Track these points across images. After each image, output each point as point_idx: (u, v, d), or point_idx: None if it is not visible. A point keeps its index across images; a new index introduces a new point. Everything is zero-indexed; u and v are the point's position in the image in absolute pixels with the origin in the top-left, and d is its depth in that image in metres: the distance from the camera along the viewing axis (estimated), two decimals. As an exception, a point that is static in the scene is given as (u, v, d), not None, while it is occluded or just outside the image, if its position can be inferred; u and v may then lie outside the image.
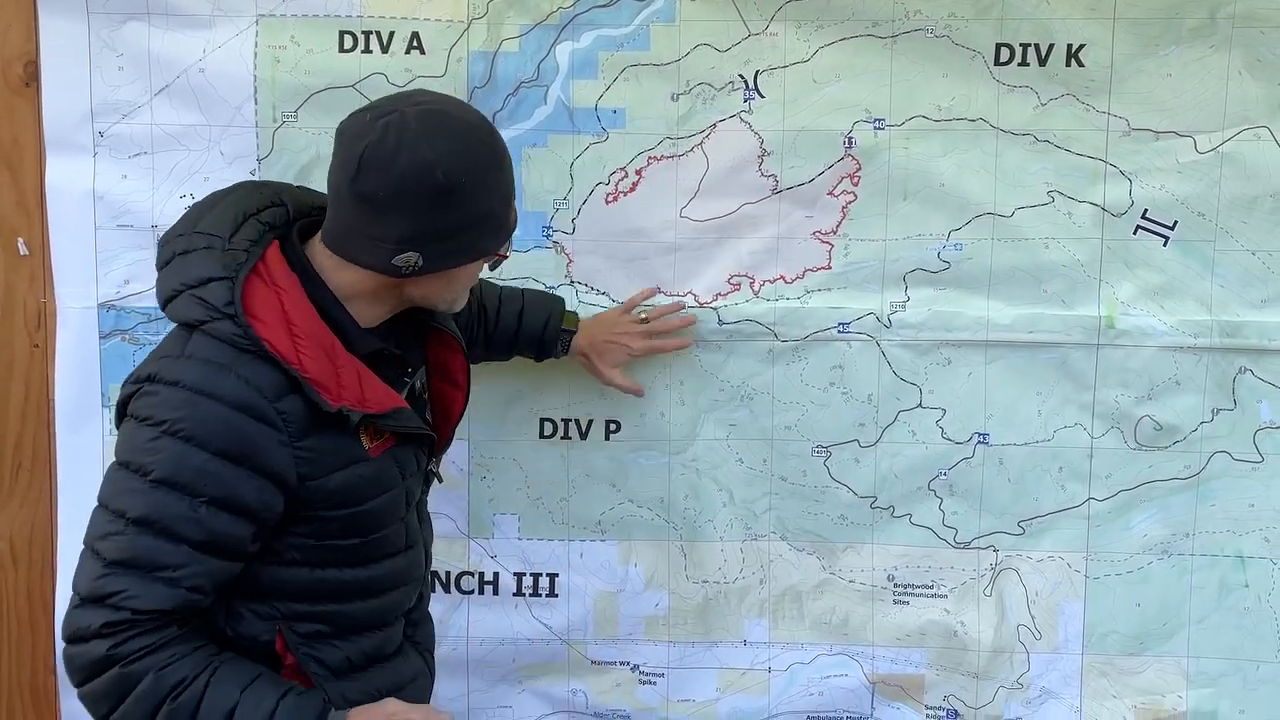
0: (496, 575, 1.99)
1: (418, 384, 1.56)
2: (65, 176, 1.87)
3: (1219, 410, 1.89)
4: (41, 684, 1.99)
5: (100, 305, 1.89)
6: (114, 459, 1.38)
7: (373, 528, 1.46)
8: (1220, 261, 1.87)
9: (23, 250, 1.90)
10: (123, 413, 1.41)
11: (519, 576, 1.99)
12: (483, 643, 1.99)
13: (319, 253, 1.43)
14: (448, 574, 1.97)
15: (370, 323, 1.46)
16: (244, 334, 1.34)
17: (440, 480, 1.67)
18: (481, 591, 1.99)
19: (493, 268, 1.49)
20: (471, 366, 1.63)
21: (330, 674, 1.45)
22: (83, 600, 1.33)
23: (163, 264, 1.43)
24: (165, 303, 1.41)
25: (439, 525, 1.92)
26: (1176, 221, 1.86)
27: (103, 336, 1.90)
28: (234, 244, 1.39)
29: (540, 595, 2.00)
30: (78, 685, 1.36)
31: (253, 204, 1.45)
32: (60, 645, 1.78)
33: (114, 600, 1.30)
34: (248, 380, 1.33)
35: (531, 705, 2.02)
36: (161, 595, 1.31)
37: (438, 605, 1.95)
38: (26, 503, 1.96)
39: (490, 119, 1.78)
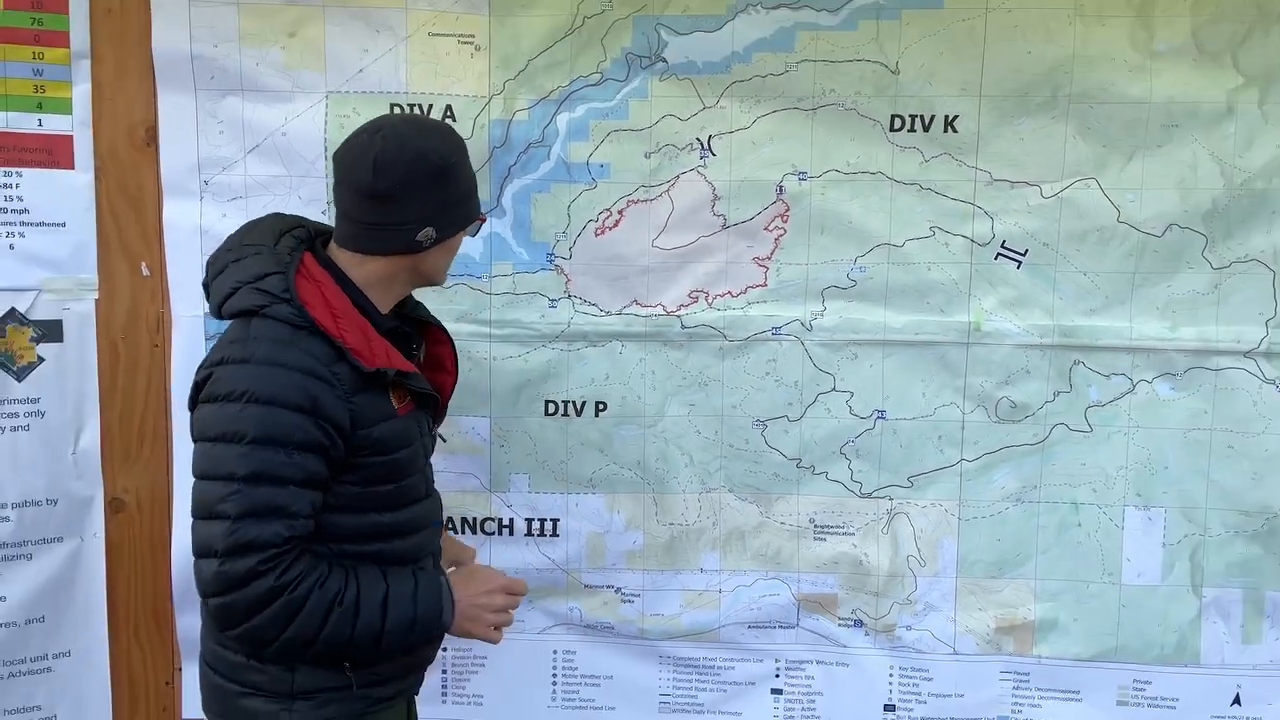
0: (512, 520, 2.19)
1: (421, 357, 1.69)
2: (178, 215, 2.09)
3: (1059, 393, 2.12)
4: (162, 608, 2.18)
5: (205, 315, 2.07)
6: (200, 439, 1.47)
7: (401, 475, 1.58)
8: (1060, 280, 2.08)
9: (145, 272, 2.11)
10: (196, 398, 1.52)
11: (529, 521, 2.19)
12: (501, 572, 2.12)
13: (338, 256, 1.58)
14: (475, 519, 2.18)
15: (385, 309, 1.59)
16: (299, 314, 1.47)
17: (444, 440, 1.83)
18: (500, 533, 2.19)
19: (474, 233, 1.64)
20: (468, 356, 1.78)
21: None
22: (224, 555, 1.42)
23: (216, 274, 1.56)
24: (223, 301, 1.52)
25: (468, 483, 2.18)
26: (1027, 250, 2.08)
27: (208, 339, 2.09)
28: (278, 250, 1.55)
29: (545, 536, 2.19)
30: (242, 623, 1.44)
31: (284, 225, 1.62)
32: (179, 591, 1.93)
33: (257, 543, 1.42)
34: (307, 351, 1.46)
35: (539, 619, 2.22)
36: (288, 527, 1.44)
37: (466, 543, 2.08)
38: (150, 467, 2.14)
39: (506, 172, 2.06)
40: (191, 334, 2.13)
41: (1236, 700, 2.18)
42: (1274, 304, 2.09)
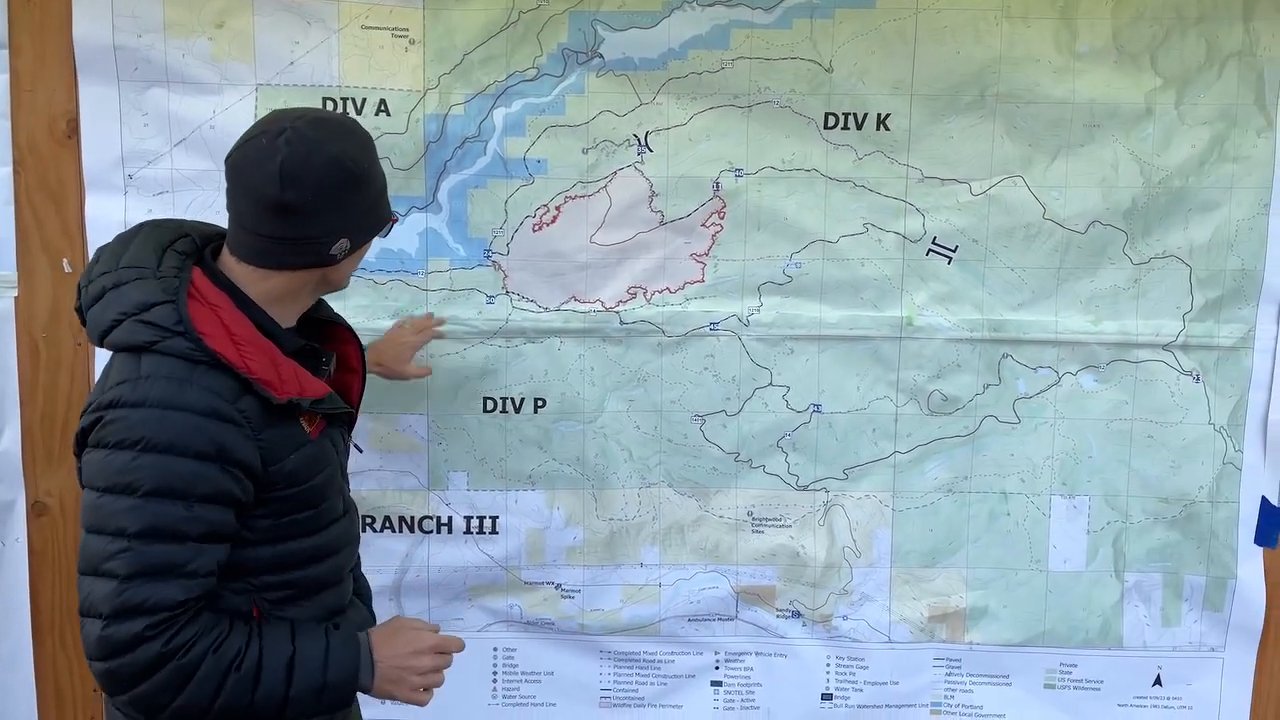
0: (450, 519, 2.19)
1: (331, 371, 1.57)
2: (101, 210, 2.04)
3: (988, 385, 2.17)
4: (87, 612, 2.08)
5: (132, 312, 2.10)
6: (89, 488, 1.34)
7: (319, 500, 1.48)
8: (989, 276, 2.13)
9: (67, 269, 2.06)
10: (83, 442, 1.38)
11: (468, 519, 2.19)
12: (440, 570, 2.20)
13: (234, 270, 1.43)
14: (412, 518, 2.18)
15: (289, 323, 1.47)
16: (197, 347, 1.34)
17: (360, 450, 1.76)
18: (439, 531, 2.19)
19: (385, 235, 1.53)
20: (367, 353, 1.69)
21: None
22: (110, 618, 1.30)
23: (92, 300, 1.41)
24: (105, 333, 1.38)
25: (406, 482, 2.18)
26: (957, 246, 2.13)
27: (134, 336, 2.13)
28: (163, 272, 1.39)
29: (485, 533, 2.20)
30: (128, 690, 1.32)
31: (165, 238, 1.45)
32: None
33: (146, 606, 1.30)
34: (208, 388, 1.34)
35: (479, 617, 2.23)
36: (184, 588, 1.32)
37: (404, 542, 2.19)
38: (72, 469, 1.82)
39: (442, 167, 2.06)
40: (115, 332, 2.07)
41: (1158, 681, 2.26)
42: (1190, 298, 2.16)
